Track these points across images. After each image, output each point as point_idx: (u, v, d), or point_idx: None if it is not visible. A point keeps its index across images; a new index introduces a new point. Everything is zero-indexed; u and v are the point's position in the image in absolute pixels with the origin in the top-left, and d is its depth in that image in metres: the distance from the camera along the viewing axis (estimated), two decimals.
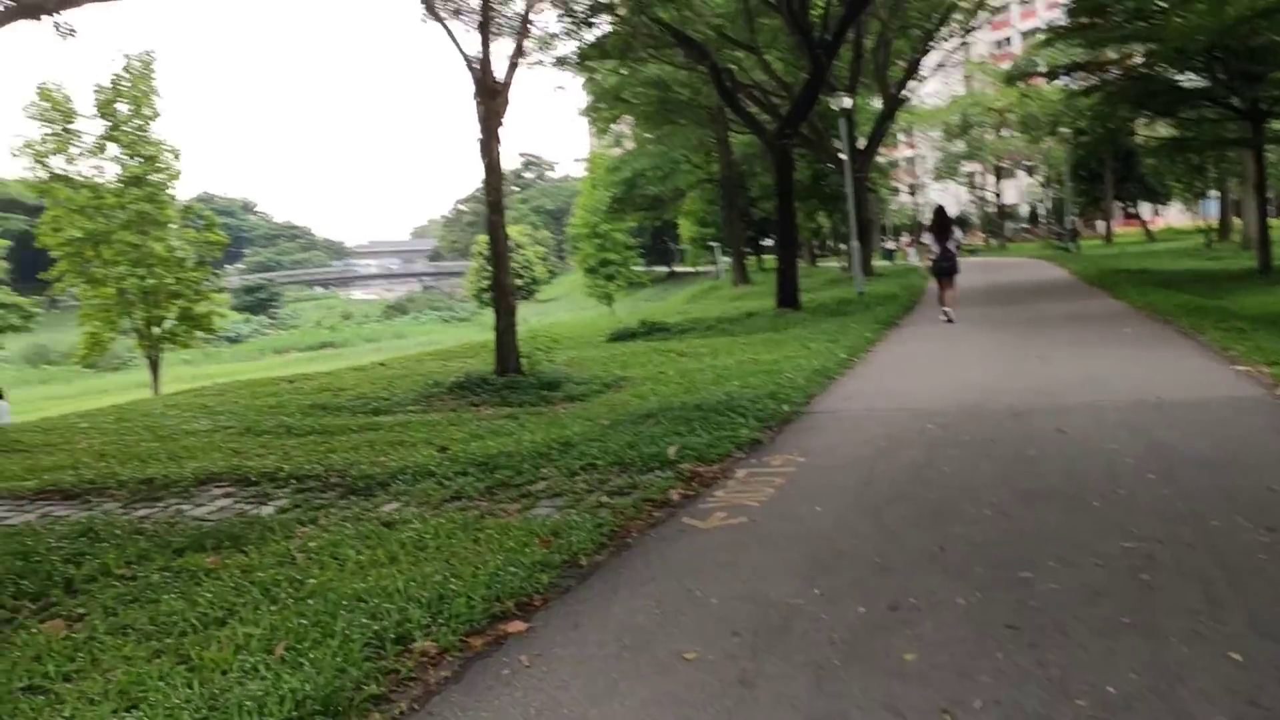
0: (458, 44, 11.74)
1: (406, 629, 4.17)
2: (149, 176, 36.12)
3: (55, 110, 35.14)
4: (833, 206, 46.66)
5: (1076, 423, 7.75)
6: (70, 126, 35.58)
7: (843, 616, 4.15)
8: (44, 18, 22.04)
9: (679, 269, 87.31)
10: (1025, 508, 5.58)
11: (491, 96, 11.68)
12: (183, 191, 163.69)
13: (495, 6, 11.87)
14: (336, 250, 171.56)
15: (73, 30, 23.15)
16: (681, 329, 20.43)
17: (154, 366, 37.14)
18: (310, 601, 4.54)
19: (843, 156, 27.54)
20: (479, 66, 11.69)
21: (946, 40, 38.83)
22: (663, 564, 5.07)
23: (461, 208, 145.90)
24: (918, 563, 4.77)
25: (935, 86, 59.46)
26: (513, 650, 4.09)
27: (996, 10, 41.22)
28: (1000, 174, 69.97)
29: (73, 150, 35.70)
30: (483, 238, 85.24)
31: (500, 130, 11.93)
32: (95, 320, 36.47)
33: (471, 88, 11.75)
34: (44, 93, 35.09)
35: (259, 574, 5.06)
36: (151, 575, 5.26)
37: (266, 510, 6.81)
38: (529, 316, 73.43)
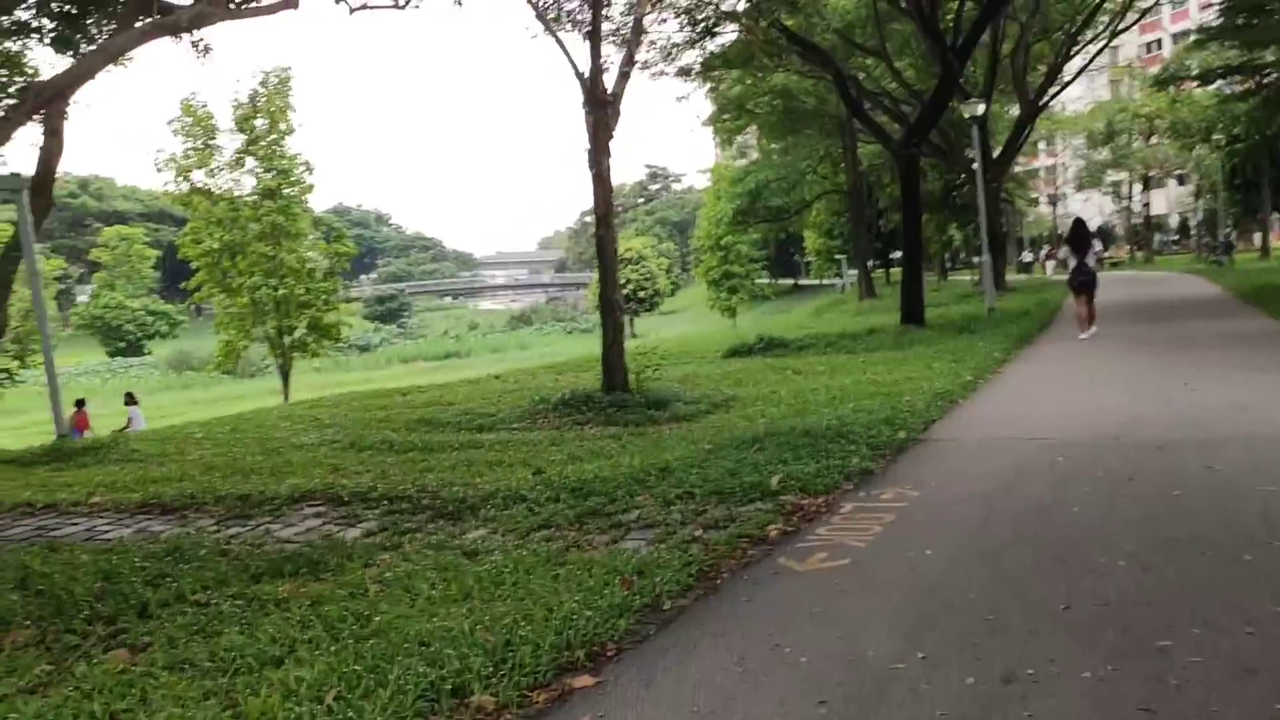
0: (568, 54, 11.54)
1: (465, 679, 3.85)
2: (283, 189, 37.29)
3: (197, 125, 36.62)
4: (965, 218, 45.16)
5: (1228, 459, 6.99)
6: (211, 141, 37.05)
7: (947, 687, 3.65)
8: (182, 36, 22.78)
9: (804, 282, 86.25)
10: (1167, 559, 4.96)
11: (601, 107, 11.42)
12: (318, 203, 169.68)
13: (606, 15, 11.61)
14: (465, 261, 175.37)
15: (209, 48, 23.81)
16: (800, 345, 19.85)
17: (284, 374, 38.25)
18: (371, 642, 4.27)
19: (975, 166, 26.47)
20: (588, 77, 11.45)
21: (1091, 44, 37.08)
22: (752, 611, 4.64)
23: (587, 219, 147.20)
24: (1038, 622, 4.23)
25: (1079, 91, 57.03)
26: (577, 708, 3.74)
27: (1145, 11, 39.11)
28: (1148, 183, 66.66)
29: (213, 164, 37.19)
30: None
31: (610, 142, 11.66)
32: (230, 329, 37.82)
33: (581, 98, 11.52)
34: (187, 108, 36.60)
35: (327, 607, 4.83)
36: (224, 603, 5.09)
37: (353, 533, 6.64)
38: (652, 329, 73.57)
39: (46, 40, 21.30)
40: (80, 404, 20.66)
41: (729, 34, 30.28)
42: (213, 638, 4.54)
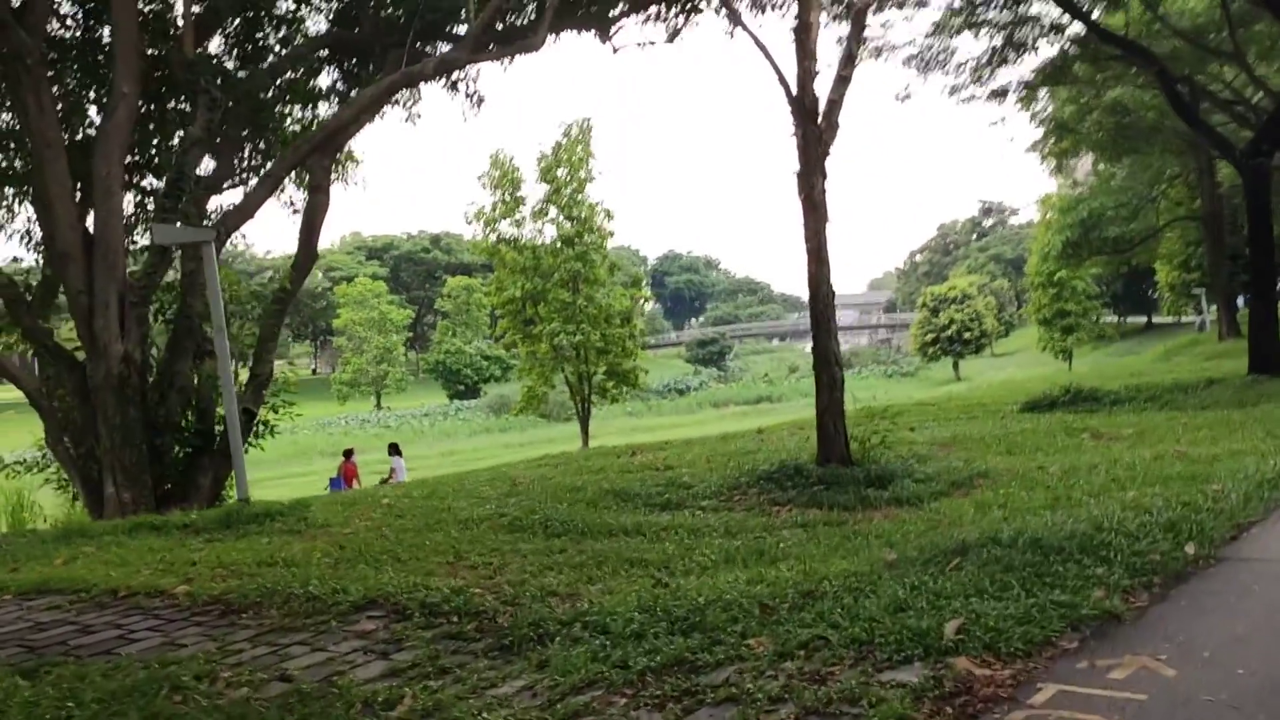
0: (768, 54, 9.59)
1: None
2: (582, 237, 37.59)
3: (504, 178, 37.75)
4: None
5: None
6: (516, 193, 38.07)
7: None
8: (458, 88, 22.70)
9: (1159, 320, 77.43)
10: None
11: (809, 120, 9.42)
12: (651, 250, 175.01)
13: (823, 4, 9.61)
14: (793, 304, 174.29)
15: (481, 99, 23.69)
16: (1114, 399, 16.50)
17: (583, 420, 38.37)
18: None
19: None
20: (795, 83, 9.46)
21: None
22: None
23: (917, 258, 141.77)
24: None
25: None
26: None
27: None
28: None
29: (518, 214, 38.18)
30: (930, 289, 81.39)
31: (825, 161, 9.60)
32: (532, 375, 38.52)
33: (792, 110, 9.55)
34: (495, 161, 37.85)
35: None
36: None
37: (370, 670, 5.12)
38: (979, 372, 68.49)
39: (335, 100, 22.08)
40: (348, 454, 20.93)
41: (1046, 46, 27.12)
42: None
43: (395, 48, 18.63)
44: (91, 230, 15.64)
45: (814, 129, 9.45)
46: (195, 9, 16.53)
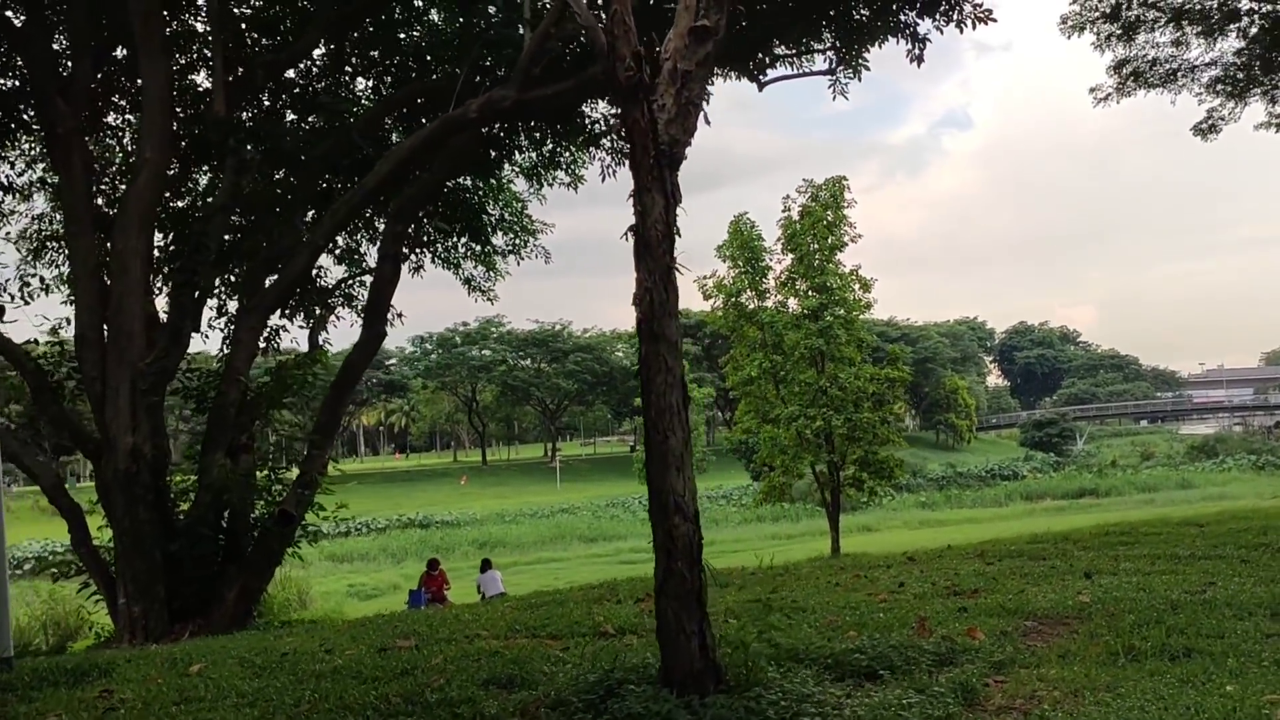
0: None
1: None
2: (831, 309, 33.48)
3: (743, 247, 34.55)
4: None
5: None
6: (758, 263, 34.71)
7: None
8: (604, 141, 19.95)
9: None
10: None
11: (631, 99, 5.56)
12: (999, 324, 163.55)
13: None
14: (1166, 380, 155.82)
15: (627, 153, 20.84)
16: None
17: (832, 518, 33.87)
18: None
19: None
20: (605, 34, 5.61)
21: None
22: None
23: None
24: None
25: None
26: None
27: None
28: None
29: (762, 286, 34.76)
30: None
31: (675, 171, 5.65)
32: (774, 462, 34.63)
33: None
34: (735, 230, 34.82)
35: None
36: None
37: None
38: None
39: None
40: (432, 564, 18.31)
41: None
42: None
43: (470, 98, 16.27)
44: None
45: (641, 116, 5.56)
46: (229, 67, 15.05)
